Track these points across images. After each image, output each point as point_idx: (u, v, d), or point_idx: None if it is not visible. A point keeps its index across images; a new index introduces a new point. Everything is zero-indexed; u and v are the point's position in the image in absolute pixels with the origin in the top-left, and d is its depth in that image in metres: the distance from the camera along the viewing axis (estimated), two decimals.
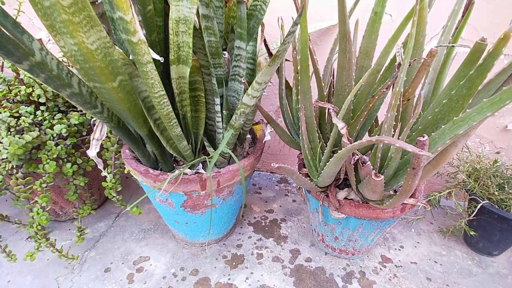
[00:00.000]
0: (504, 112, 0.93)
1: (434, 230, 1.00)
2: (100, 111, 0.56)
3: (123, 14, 0.41)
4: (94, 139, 0.70)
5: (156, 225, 1.00)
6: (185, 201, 0.74)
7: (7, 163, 0.73)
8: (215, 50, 0.63)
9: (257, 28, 0.70)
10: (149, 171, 0.69)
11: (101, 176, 0.98)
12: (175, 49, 0.56)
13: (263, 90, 0.59)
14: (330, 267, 0.86)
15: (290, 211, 1.07)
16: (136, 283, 0.80)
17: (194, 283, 0.80)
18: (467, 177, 0.87)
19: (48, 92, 0.82)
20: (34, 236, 0.75)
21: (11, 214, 1.01)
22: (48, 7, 0.35)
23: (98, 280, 0.81)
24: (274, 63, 0.51)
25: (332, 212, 0.73)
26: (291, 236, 0.96)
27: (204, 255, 0.89)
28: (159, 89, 0.52)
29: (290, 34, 0.48)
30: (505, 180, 0.84)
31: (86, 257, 0.88)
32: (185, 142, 0.66)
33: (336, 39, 0.79)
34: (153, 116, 0.61)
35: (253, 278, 0.82)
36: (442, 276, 0.84)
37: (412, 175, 0.50)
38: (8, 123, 0.75)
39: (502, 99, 0.44)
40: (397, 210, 0.68)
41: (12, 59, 0.40)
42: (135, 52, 0.46)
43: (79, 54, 0.41)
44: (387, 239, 0.96)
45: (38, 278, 0.81)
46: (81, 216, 0.87)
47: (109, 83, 0.47)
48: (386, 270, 0.85)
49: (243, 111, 0.62)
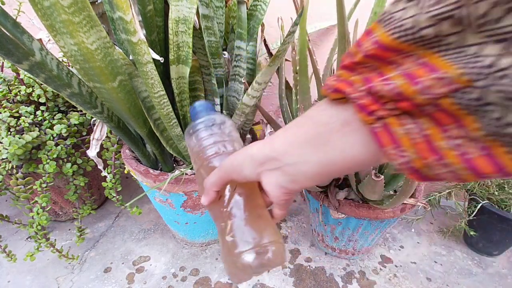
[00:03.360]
0: None
1: (434, 230, 1.00)
2: (100, 111, 0.56)
3: (123, 14, 0.41)
4: (94, 139, 0.70)
5: (156, 225, 1.00)
6: (185, 201, 0.74)
7: (7, 163, 0.73)
8: (215, 50, 0.63)
9: (257, 28, 0.70)
10: (149, 171, 0.69)
11: (101, 176, 0.98)
12: (175, 49, 0.56)
13: (263, 90, 0.59)
14: (330, 267, 0.86)
15: (290, 211, 1.07)
16: (136, 283, 0.80)
17: (194, 283, 0.80)
18: None
19: (48, 92, 0.82)
20: (34, 236, 0.75)
21: (11, 214, 1.01)
22: (48, 7, 0.35)
23: (98, 280, 0.81)
24: (274, 63, 0.51)
25: (332, 212, 0.73)
26: (291, 236, 0.96)
27: (204, 255, 0.89)
28: (159, 89, 0.52)
29: (290, 34, 0.48)
30: (505, 180, 0.84)
31: (86, 257, 0.88)
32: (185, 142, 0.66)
33: (336, 39, 0.79)
34: (153, 116, 0.61)
35: (253, 278, 0.82)
36: (442, 276, 0.84)
37: None
38: (8, 123, 0.75)
39: None
40: (397, 210, 0.68)
41: (12, 59, 0.40)
42: (135, 52, 0.46)
43: (79, 54, 0.41)
44: (387, 239, 0.96)
45: (38, 278, 0.81)
46: (81, 216, 0.87)
47: (109, 83, 0.47)
48: (386, 270, 0.85)
49: (243, 111, 0.62)
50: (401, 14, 0.15)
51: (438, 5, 0.13)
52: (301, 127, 0.21)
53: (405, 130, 0.16)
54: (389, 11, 0.16)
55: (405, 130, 0.16)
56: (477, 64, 0.12)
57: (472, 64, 0.13)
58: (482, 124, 0.14)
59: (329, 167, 0.20)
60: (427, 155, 0.16)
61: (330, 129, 0.19)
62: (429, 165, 0.16)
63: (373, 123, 0.17)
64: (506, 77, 0.12)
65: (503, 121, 0.13)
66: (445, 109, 0.14)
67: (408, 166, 0.17)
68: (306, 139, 0.21)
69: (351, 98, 0.18)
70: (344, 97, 0.18)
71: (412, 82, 0.15)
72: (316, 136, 0.20)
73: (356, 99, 0.17)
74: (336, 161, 0.20)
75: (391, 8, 0.16)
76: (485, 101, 0.13)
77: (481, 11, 0.12)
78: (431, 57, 0.14)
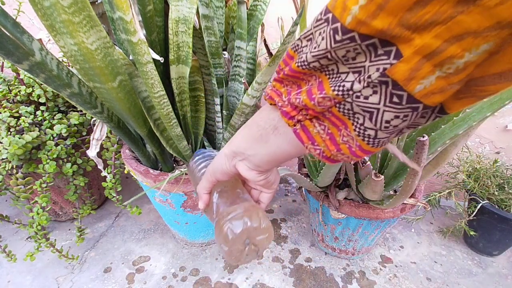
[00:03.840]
0: (504, 112, 0.93)
1: (434, 230, 1.00)
2: (100, 111, 0.56)
3: (123, 14, 0.41)
4: (94, 139, 0.70)
5: (156, 225, 1.00)
6: (185, 201, 0.74)
7: (7, 163, 0.73)
8: (215, 50, 0.63)
9: (257, 28, 0.70)
10: (149, 171, 0.69)
11: (101, 176, 0.98)
12: (175, 49, 0.56)
13: (263, 90, 0.59)
14: (330, 267, 0.86)
15: (290, 211, 1.07)
16: (136, 283, 0.80)
17: (194, 283, 0.80)
18: (467, 177, 0.87)
19: (48, 92, 0.82)
20: (34, 236, 0.75)
21: (11, 214, 1.01)
22: (48, 7, 0.35)
23: (98, 280, 0.81)
24: (274, 63, 0.51)
25: (332, 212, 0.73)
26: (291, 236, 0.96)
27: (204, 255, 0.89)
28: (159, 89, 0.52)
29: (290, 34, 0.48)
30: (505, 180, 0.84)
31: (86, 257, 0.88)
32: (185, 142, 0.66)
33: None
34: (153, 116, 0.61)
35: (253, 278, 0.82)
36: (442, 276, 0.84)
37: (412, 175, 0.50)
38: (8, 123, 0.75)
39: (502, 99, 0.44)
40: (397, 210, 0.68)
41: (12, 59, 0.40)
42: (135, 52, 0.46)
43: (79, 54, 0.41)
44: (387, 239, 0.96)
45: (38, 278, 0.81)
46: (81, 216, 0.87)
47: (109, 83, 0.47)
48: (386, 270, 0.85)
49: (243, 111, 0.62)
50: (304, 49, 0.22)
51: (316, 49, 0.20)
52: (250, 129, 0.29)
53: (317, 130, 0.23)
54: (299, 45, 0.22)
55: (317, 130, 0.23)
56: (343, 87, 0.19)
57: (340, 87, 0.19)
58: (355, 126, 0.20)
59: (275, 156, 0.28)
60: (332, 148, 0.23)
61: (267, 132, 0.27)
62: (334, 154, 0.23)
63: (294, 125, 0.24)
64: (359, 96, 0.18)
65: (364, 125, 0.20)
66: (336, 115, 0.21)
67: (322, 155, 0.24)
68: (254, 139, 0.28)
69: (278, 106, 0.24)
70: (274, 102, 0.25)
71: (310, 97, 0.21)
72: (259, 137, 0.28)
73: (282, 107, 0.24)
74: (276, 153, 0.27)
75: (299, 43, 0.22)
76: (353, 111, 0.19)
77: (341, 54, 0.19)
78: (323, 78, 0.21)
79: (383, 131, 0.19)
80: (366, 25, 0.16)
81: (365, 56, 0.18)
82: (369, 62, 0.18)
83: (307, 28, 0.21)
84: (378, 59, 0.17)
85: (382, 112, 0.18)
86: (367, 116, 0.19)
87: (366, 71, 0.18)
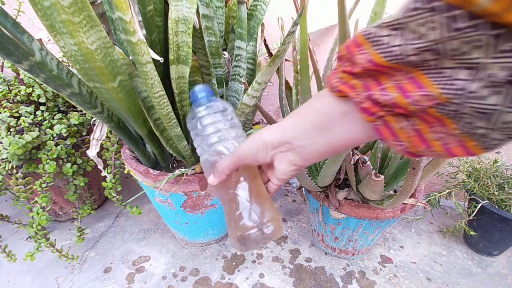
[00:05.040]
0: None
1: (434, 230, 1.00)
2: (100, 111, 0.56)
3: (122, 14, 0.41)
4: (94, 139, 0.70)
5: (156, 225, 1.00)
6: (185, 201, 0.74)
7: (7, 163, 0.73)
8: (215, 50, 0.63)
9: (257, 28, 0.70)
10: (149, 171, 0.69)
11: (101, 176, 0.98)
12: (175, 49, 0.56)
13: (263, 90, 0.59)
14: (330, 267, 0.86)
15: (290, 211, 1.07)
16: (136, 283, 0.80)
17: (194, 283, 0.80)
18: (467, 177, 0.87)
19: (48, 92, 0.82)
20: (34, 236, 0.75)
21: (11, 214, 1.01)
22: (48, 7, 0.35)
23: (98, 280, 0.81)
24: (274, 63, 0.51)
25: (332, 212, 0.73)
26: (291, 236, 0.96)
27: (204, 255, 0.89)
28: (159, 89, 0.52)
29: (290, 34, 0.48)
30: (505, 180, 0.84)
31: (86, 257, 0.88)
32: (185, 142, 0.66)
33: (336, 39, 0.79)
34: (153, 116, 0.61)
35: (253, 278, 0.82)
36: (442, 276, 0.84)
37: (412, 175, 0.50)
38: (8, 123, 0.75)
39: None
40: (397, 210, 0.68)
41: (12, 59, 0.40)
42: (134, 52, 0.46)
43: (79, 54, 0.41)
44: (387, 239, 0.96)
45: (38, 278, 0.81)
46: (81, 216, 0.87)
47: (109, 83, 0.47)
48: (386, 270, 0.85)
49: (243, 111, 0.62)
50: (388, 40, 0.19)
51: (420, 40, 0.17)
52: (307, 116, 0.26)
53: (400, 126, 0.21)
54: (376, 33, 0.20)
55: (401, 126, 0.21)
56: (453, 86, 0.17)
57: (449, 86, 0.17)
58: (458, 125, 0.18)
59: (333, 147, 0.26)
60: (419, 145, 0.21)
61: (332, 119, 0.24)
62: (420, 151, 0.21)
63: (375, 121, 0.22)
64: (474, 98, 0.16)
65: (473, 125, 0.18)
66: (431, 114, 0.19)
67: (406, 151, 0.22)
68: (313, 126, 0.26)
69: (354, 101, 0.22)
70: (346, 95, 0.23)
71: (404, 95, 0.19)
72: (320, 124, 0.25)
73: (359, 103, 0.22)
74: (338, 141, 0.25)
75: (377, 31, 0.20)
76: (460, 112, 0.18)
77: (452, 46, 0.16)
78: (417, 73, 0.19)
79: (497, 132, 0.17)
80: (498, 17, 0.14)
81: (483, 51, 0.16)
82: (490, 59, 0.16)
83: (390, 17, 0.19)
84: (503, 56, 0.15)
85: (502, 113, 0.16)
86: (478, 116, 0.17)
87: (485, 68, 0.16)
